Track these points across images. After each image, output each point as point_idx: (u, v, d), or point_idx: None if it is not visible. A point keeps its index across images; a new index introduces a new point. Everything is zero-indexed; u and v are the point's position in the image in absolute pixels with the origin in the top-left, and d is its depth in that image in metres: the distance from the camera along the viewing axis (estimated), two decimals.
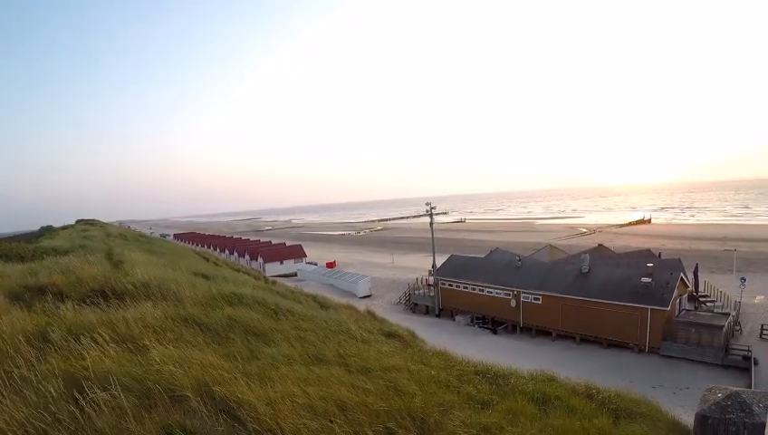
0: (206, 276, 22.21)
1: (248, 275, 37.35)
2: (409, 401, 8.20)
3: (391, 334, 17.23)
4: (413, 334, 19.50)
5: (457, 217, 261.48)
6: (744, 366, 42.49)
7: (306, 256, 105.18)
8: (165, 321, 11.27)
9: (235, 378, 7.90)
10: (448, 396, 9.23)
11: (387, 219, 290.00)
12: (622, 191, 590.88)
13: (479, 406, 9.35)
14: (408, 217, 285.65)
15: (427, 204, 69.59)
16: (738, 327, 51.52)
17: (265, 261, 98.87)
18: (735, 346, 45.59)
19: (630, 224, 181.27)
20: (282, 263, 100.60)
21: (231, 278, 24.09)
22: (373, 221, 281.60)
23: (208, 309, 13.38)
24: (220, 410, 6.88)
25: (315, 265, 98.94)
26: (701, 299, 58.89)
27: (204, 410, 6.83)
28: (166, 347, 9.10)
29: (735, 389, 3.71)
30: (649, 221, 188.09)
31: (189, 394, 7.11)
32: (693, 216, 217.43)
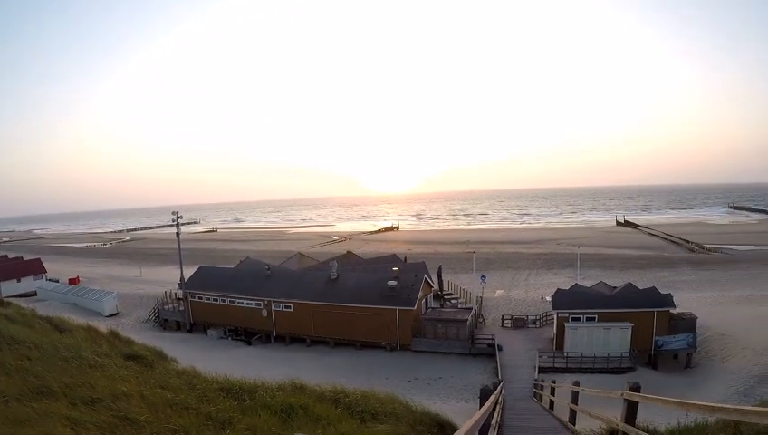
0: None
1: None
2: (139, 430, 7.89)
3: (132, 356, 16.47)
4: (159, 354, 18.83)
5: (209, 227, 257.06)
6: (489, 353, 47.45)
7: (46, 271, 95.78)
8: None
9: None
10: (185, 419, 9.04)
11: (135, 229, 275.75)
12: (371, 201, 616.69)
13: (219, 426, 9.23)
14: (156, 227, 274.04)
15: (174, 213, 66.95)
16: (482, 319, 56.96)
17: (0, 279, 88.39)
18: (480, 336, 50.77)
19: (380, 231, 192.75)
20: (19, 280, 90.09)
21: None
22: (121, 231, 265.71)
23: None
24: None
25: (57, 281, 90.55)
26: (446, 297, 64.30)
27: None
28: None
29: None
30: (397, 228, 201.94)
31: None
32: (435, 222, 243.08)
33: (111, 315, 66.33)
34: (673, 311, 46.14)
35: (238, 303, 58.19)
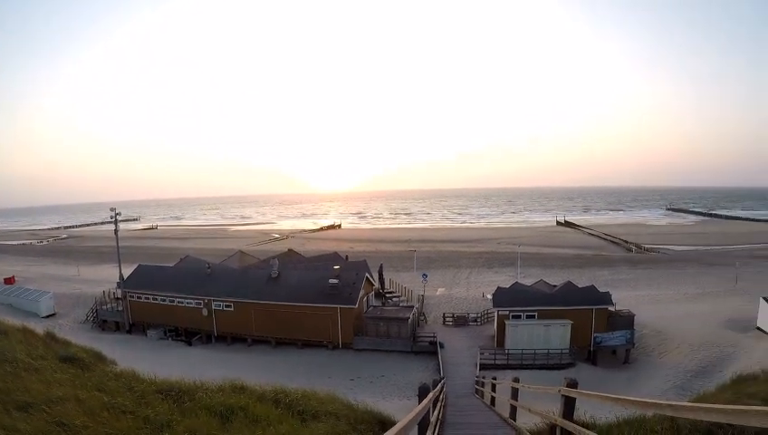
0: None
1: None
2: None
3: (69, 359, 16.08)
4: (97, 356, 18.48)
5: (149, 224, 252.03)
6: (431, 350, 47.96)
7: None
8: None
9: None
10: (123, 423, 8.91)
11: (72, 226, 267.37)
12: (311, 199, 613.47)
13: (157, 429, 9.12)
14: (94, 224, 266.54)
15: (112, 209, 65.26)
16: (423, 317, 57.37)
17: None
18: (422, 334, 51.47)
19: (322, 229, 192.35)
20: None
21: None
22: (58, 228, 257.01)
23: None
24: None
25: None
26: (387, 295, 64.42)
27: None
28: None
29: None
30: (339, 227, 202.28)
31: None
32: (376, 221, 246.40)
33: (48, 316, 64.16)
34: (611, 308, 47.66)
35: (178, 302, 57.22)
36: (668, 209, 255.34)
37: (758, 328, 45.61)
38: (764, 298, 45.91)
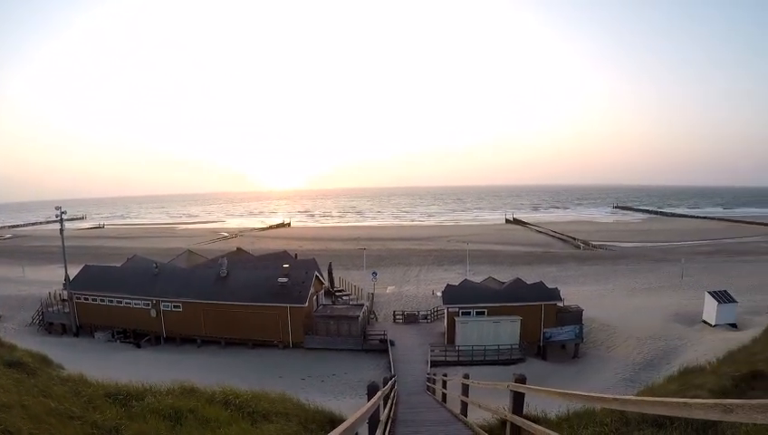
0: None
1: None
2: None
3: (14, 363, 15.65)
4: (44, 360, 18.06)
5: (95, 223, 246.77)
6: (382, 348, 48.24)
7: None
8: None
9: None
10: (70, 429, 8.75)
11: (17, 226, 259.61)
12: (258, 197, 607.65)
13: (106, 434, 8.98)
14: (38, 224, 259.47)
15: (57, 208, 63.69)
16: (373, 315, 57.70)
17: None
18: (372, 332, 51.86)
19: (271, 227, 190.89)
20: None
21: None
22: (2, 228, 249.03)
23: None
24: None
25: None
26: (337, 294, 64.58)
27: None
28: None
29: None
30: (289, 225, 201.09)
31: None
32: (325, 219, 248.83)
33: None
34: (560, 304, 48.62)
35: (126, 303, 56.03)
36: (615, 207, 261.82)
37: (704, 321, 47.26)
38: (709, 292, 47.45)
